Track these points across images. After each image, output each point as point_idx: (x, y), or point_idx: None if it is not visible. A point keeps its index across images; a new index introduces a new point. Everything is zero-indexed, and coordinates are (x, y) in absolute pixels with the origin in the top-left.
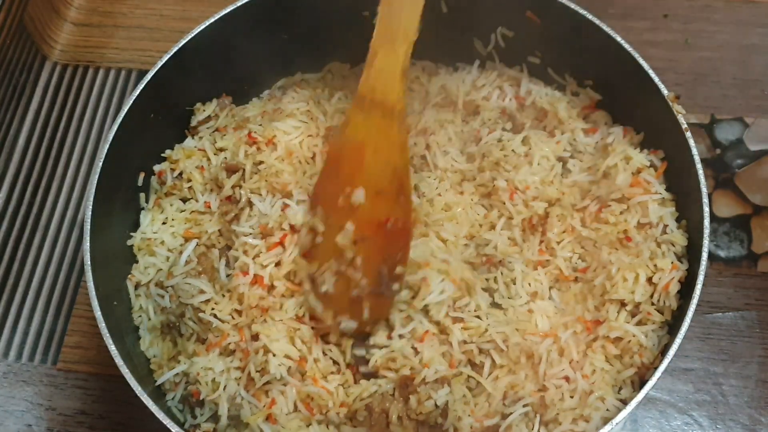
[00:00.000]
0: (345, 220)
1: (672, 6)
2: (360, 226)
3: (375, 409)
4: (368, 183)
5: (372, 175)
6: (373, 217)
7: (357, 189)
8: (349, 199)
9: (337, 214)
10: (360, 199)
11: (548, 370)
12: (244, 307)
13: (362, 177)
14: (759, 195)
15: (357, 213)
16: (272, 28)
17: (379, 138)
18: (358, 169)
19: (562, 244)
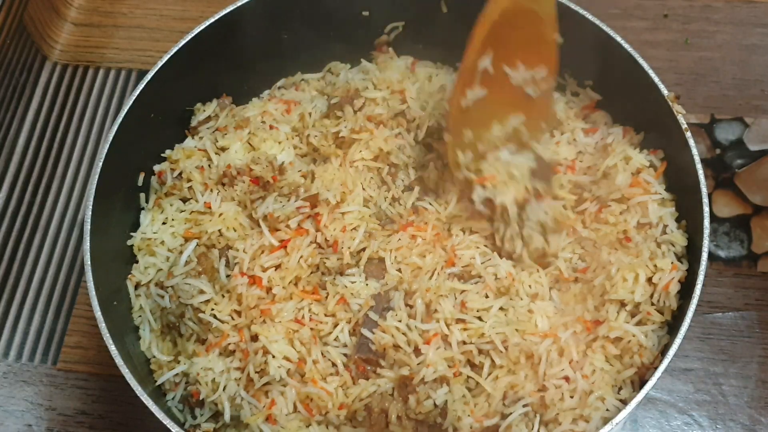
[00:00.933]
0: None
1: (672, 6)
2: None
3: (374, 409)
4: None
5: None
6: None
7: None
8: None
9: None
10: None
11: (548, 370)
12: (243, 307)
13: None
14: (759, 195)
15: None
16: (272, 28)
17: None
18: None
19: (563, 245)
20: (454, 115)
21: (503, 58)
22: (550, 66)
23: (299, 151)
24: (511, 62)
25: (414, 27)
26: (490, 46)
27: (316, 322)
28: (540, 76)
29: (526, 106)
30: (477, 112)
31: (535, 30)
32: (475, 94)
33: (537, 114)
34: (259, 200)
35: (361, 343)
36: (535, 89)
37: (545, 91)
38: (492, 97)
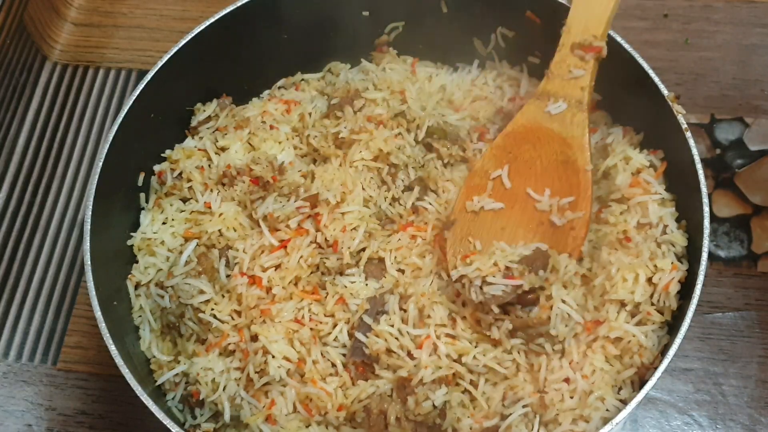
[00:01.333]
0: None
1: (672, 6)
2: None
3: (373, 410)
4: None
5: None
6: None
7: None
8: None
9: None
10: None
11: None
12: (243, 307)
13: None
14: (759, 195)
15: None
16: (272, 28)
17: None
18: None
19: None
20: (458, 215)
21: (526, 178)
22: (578, 194)
23: (299, 151)
24: (535, 185)
25: (414, 27)
26: (506, 160)
27: (315, 323)
28: (566, 203)
29: (551, 235)
30: (491, 223)
31: (562, 153)
32: (486, 203)
33: (562, 246)
34: (259, 200)
35: (355, 347)
36: (560, 218)
37: (574, 222)
38: (510, 215)
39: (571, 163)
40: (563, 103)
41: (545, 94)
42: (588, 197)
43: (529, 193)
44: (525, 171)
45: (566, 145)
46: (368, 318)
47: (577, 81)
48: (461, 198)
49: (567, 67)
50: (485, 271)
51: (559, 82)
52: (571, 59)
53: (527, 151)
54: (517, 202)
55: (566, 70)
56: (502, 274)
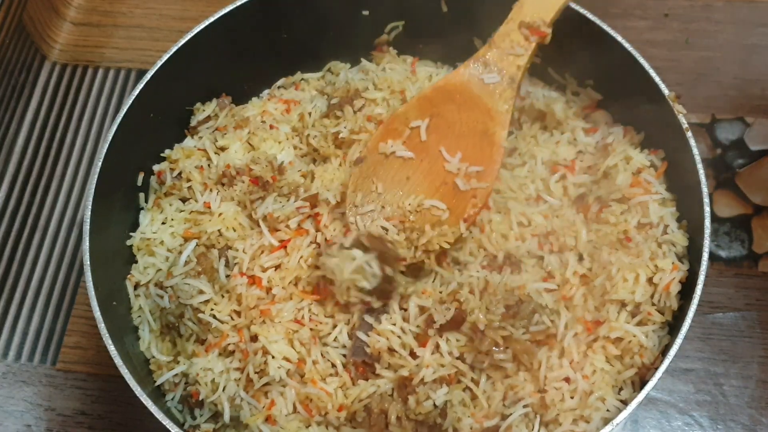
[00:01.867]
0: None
1: (672, 6)
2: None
3: (374, 410)
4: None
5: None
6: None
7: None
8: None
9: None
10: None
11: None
12: (243, 308)
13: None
14: (760, 195)
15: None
16: (272, 28)
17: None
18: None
19: None
20: (369, 153)
21: (443, 136)
22: (488, 166)
23: (299, 151)
24: (450, 145)
25: (414, 27)
26: (429, 113)
27: (315, 323)
28: (474, 171)
29: (451, 197)
30: (397, 169)
31: (482, 123)
32: (398, 149)
33: (459, 211)
34: (258, 200)
35: (356, 347)
36: (465, 183)
37: (477, 191)
38: (418, 166)
39: (489, 135)
40: (497, 75)
41: (483, 60)
42: (495, 171)
43: (442, 152)
44: (444, 129)
45: (489, 116)
46: (369, 317)
47: (516, 58)
48: (376, 137)
49: (510, 41)
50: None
51: (498, 53)
52: (516, 35)
53: (451, 111)
54: (428, 156)
55: (509, 44)
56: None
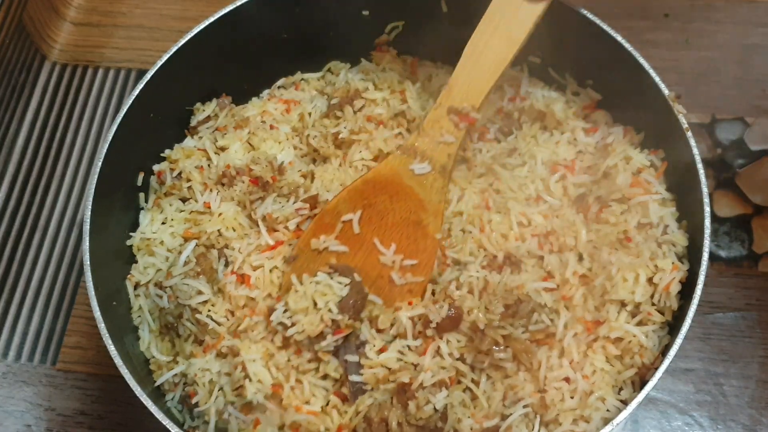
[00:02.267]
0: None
1: (673, 6)
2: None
3: (374, 419)
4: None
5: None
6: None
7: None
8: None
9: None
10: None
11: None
12: (234, 306)
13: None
14: (760, 195)
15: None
16: (272, 28)
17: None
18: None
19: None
20: (301, 250)
21: (376, 228)
22: (422, 260)
23: (299, 151)
24: (383, 236)
25: (414, 27)
26: (361, 205)
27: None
28: (408, 264)
29: (387, 291)
30: (330, 260)
31: (415, 213)
32: (331, 244)
33: (392, 304)
34: (258, 200)
35: (354, 389)
36: (400, 278)
37: (412, 285)
38: (352, 260)
39: (423, 226)
40: (428, 165)
41: (413, 149)
42: (431, 265)
43: (376, 243)
44: (376, 221)
45: (422, 207)
46: (352, 356)
47: (446, 147)
48: (307, 234)
49: (440, 128)
50: (314, 332)
51: (428, 141)
52: (446, 122)
53: (383, 202)
54: (361, 249)
55: (438, 131)
56: (330, 330)
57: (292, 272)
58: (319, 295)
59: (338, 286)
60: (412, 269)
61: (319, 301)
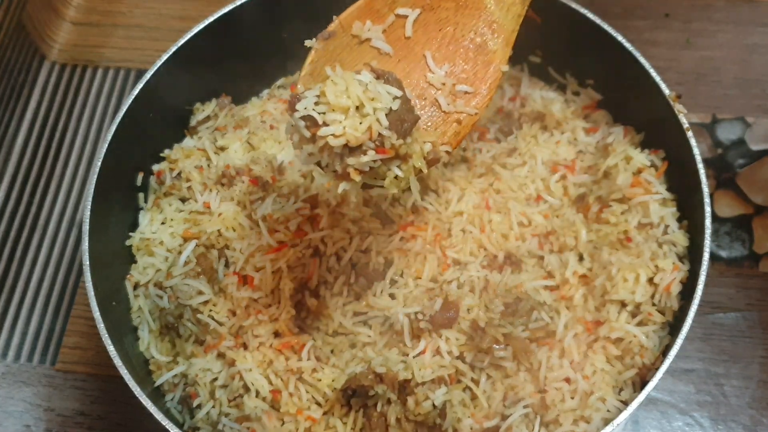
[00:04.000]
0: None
1: (673, 5)
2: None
3: (373, 414)
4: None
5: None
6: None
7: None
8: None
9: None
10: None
11: (548, 371)
12: (235, 306)
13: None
14: (760, 195)
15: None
16: (272, 28)
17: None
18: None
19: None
20: (340, 28)
21: (431, 38)
22: (479, 90)
23: None
24: (437, 51)
25: None
26: (421, 4)
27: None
28: (461, 90)
29: (430, 114)
30: (366, 62)
31: (482, 35)
32: (376, 37)
33: (439, 134)
34: (258, 201)
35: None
36: (448, 103)
37: (462, 116)
38: (394, 66)
39: (487, 52)
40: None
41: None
42: (488, 98)
43: (426, 57)
44: (434, 29)
45: (492, 29)
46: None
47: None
48: (352, 11)
49: None
50: (355, 140)
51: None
52: None
53: (447, 9)
54: (407, 57)
55: None
56: (373, 145)
57: (325, 55)
58: (367, 99)
59: (387, 95)
60: (465, 97)
61: (367, 105)
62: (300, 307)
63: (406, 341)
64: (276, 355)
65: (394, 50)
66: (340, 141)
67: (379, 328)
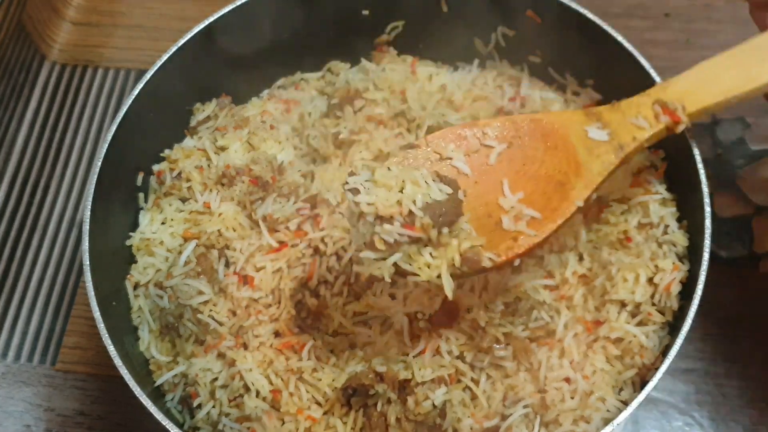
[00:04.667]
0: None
1: (673, 5)
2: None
3: (373, 414)
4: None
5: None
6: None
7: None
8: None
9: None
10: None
11: (548, 371)
12: (236, 306)
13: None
14: (760, 195)
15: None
16: (272, 28)
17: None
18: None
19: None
20: (425, 143)
21: (512, 170)
22: (548, 218)
23: (299, 151)
24: (515, 182)
25: (414, 26)
26: (510, 139)
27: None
28: (528, 214)
29: (490, 230)
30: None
31: (564, 174)
32: (458, 159)
33: (493, 247)
34: (258, 201)
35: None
36: (511, 222)
37: (521, 235)
38: (469, 185)
39: (566, 188)
40: (606, 135)
41: (598, 115)
42: (553, 227)
43: (503, 184)
44: (518, 163)
45: (575, 171)
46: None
47: (636, 129)
48: (440, 133)
49: (637, 112)
50: (384, 209)
51: (619, 117)
52: (646, 109)
53: (534, 148)
54: (485, 181)
55: (634, 113)
56: (402, 220)
57: (401, 162)
58: (412, 184)
59: (437, 190)
60: (531, 221)
61: (408, 189)
62: (300, 307)
63: (405, 341)
64: (276, 355)
65: (473, 173)
66: (371, 209)
67: (379, 328)
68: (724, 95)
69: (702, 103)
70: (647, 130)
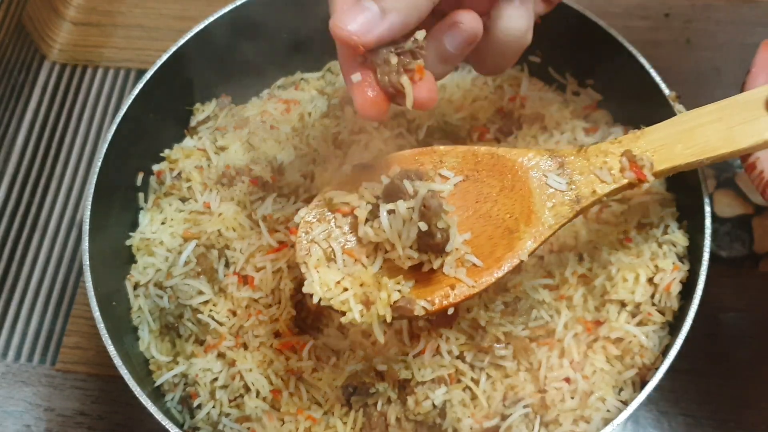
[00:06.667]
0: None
1: (673, 5)
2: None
3: (373, 414)
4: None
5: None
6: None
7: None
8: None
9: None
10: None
11: (548, 371)
12: (236, 306)
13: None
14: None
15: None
16: (272, 28)
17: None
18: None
19: None
20: (383, 163)
21: (464, 207)
22: (489, 271)
23: (299, 152)
24: (465, 221)
25: None
26: (468, 172)
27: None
28: (471, 261)
29: (430, 277)
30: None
31: (515, 221)
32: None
33: (425, 291)
34: (258, 201)
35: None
36: (452, 269)
37: (458, 283)
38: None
39: (514, 240)
40: (565, 184)
41: (561, 160)
42: (491, 282)
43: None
44: (471, 199)
45: (527, 219)
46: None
47: (599, 182)
48: (395, 156)
49: (603, 161)
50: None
51: (584, 164)
52: (614, 160)
53: (490, 186)
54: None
55: (599, 162)
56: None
57: (346, 182)
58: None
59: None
60: (471, 269)
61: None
62: (300, 307)
63: (405, 340)
64: (276, 355)
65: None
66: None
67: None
68: (698, 156)
69: (674, 162)
70: (609, 185)
